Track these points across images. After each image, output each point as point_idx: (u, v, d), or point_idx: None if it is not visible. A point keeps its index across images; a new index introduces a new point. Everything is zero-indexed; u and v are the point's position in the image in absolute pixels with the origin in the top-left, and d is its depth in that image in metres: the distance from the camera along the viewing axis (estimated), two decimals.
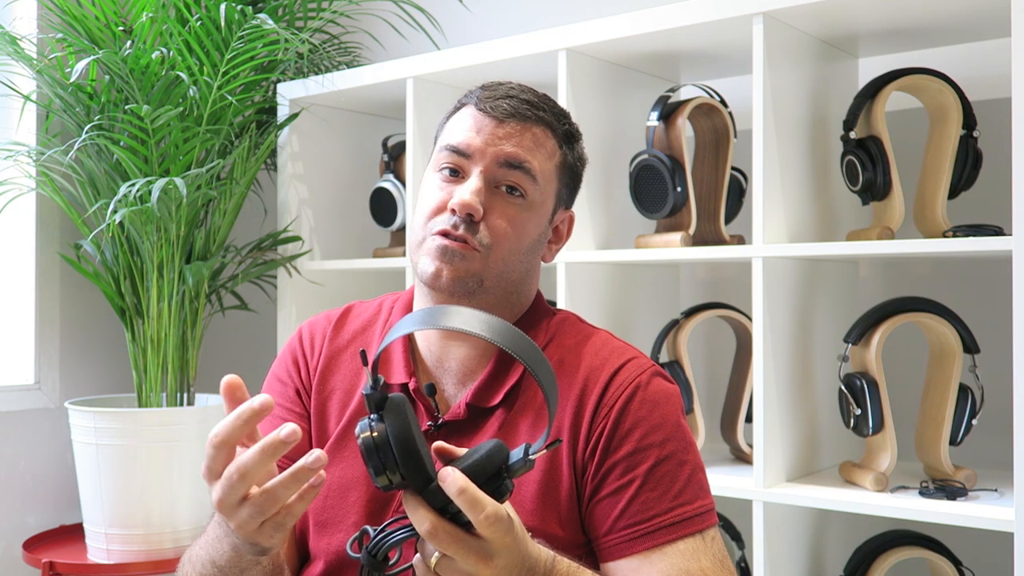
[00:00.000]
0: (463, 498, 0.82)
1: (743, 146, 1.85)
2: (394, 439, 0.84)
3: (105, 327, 2.69)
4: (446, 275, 1.09)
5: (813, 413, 1.82)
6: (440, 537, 0.83)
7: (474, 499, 0.82)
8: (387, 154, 2.41)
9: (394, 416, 0.85)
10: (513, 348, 0.84)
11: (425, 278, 1.11)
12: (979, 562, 1.75)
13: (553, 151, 1.15)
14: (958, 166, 1.65)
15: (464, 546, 0.84)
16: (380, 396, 0.86)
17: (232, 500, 0.87)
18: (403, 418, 0.84)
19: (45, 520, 2.56)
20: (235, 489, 0.86)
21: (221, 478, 0.87)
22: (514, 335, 0.86)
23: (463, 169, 1.12)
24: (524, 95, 1.14)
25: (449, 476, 0.82)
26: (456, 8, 2.51)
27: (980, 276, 1.89)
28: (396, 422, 0.84)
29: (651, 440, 1.07)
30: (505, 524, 0.84)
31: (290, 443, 0.84)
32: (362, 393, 0.87)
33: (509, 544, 0.86)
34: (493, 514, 0.83)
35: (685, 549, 1.04)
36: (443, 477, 0.82)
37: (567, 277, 1.91)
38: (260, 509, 0.86)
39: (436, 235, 1.10)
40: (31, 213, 2.56)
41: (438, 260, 1.10)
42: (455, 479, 0.82)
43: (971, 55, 1.88)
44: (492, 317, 0.86)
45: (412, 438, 0.84)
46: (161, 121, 2.15)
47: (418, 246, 1.13)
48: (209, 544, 1.01)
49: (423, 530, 0.83)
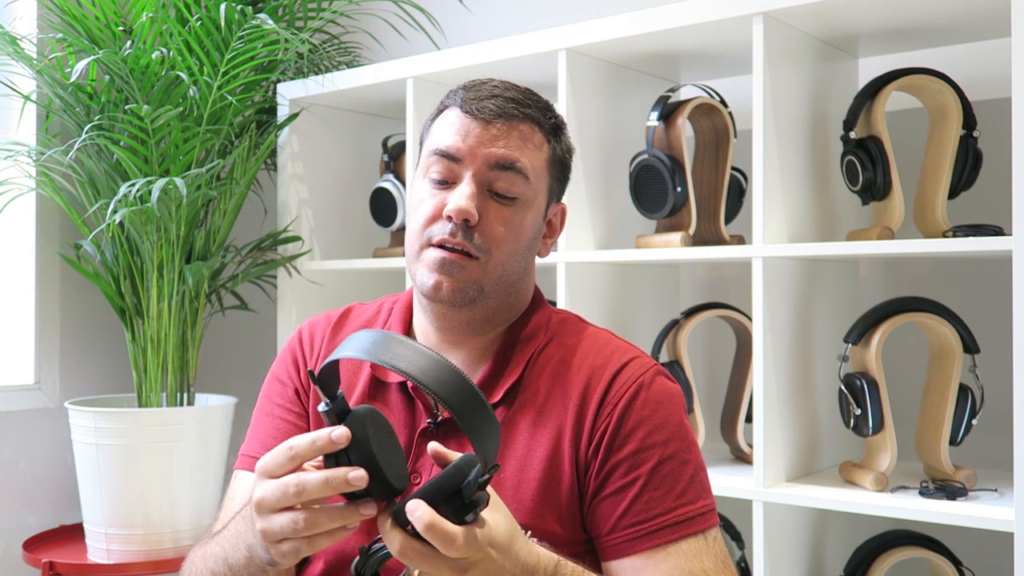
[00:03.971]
0: (432, 534, 0.82)
1: (743, 146, 1.85)
2: (354, 454, 0.85)
3: (105, 327, 2.69)
4: (446, 287, 1.09)
5: (813, 413, 1.82)
6: (411, 556, 0.84)
7: (443, 534, 0.82)
8: (387, 154, 2.41)
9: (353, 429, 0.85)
10: (440, 391, 0.83)
11: (425, 291, 1.11)
12: (979, 562, 1.75)
13: (541, 145, 1.14)
14: (958, 166, 1.65)
15: (436, 563, 0.84)
16: (339, 410, 0.86)
17: (278, 506, 0.87)
18: (362, 431, 0.85)
19: (45, 520, 2.56)
20: (288, 498, 0.86)
21: (278, 482, 0.87)
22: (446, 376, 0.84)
23: (454, 174, 1.11)
24: (508, 93, 1.13)
25: (416, 511, 0.82)
26: (456, 8, 2.51)
27: (980, 276, 1.89)
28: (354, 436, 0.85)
29: (654, 439, 1.07)
30: (477, 544, 0.84)
31: (355, 486, 0.84)
32: (319, 411, 0.87)
33: (486, 557, 0.86)
34: (463, 545, 0.83)
35: (688, 549, 1.04)
36: (411, 511, 0.82)
37: (567, 277, 1.91)
38: (298, 527, 0.86)
39: (434, 247, 1.10)
40: (31, 213, 2.56)
41: (437, 273, 1.09)
42: (422, 515, 0.82)
43: (971, 55, 1.88)
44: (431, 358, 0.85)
45: (370, 451, 0.84)
46: (161, 121, 2.15)
47: (415, 257, 1.13)
48: (227, 542, 1.01)
49: (393, 550, 0.84)
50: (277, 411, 1.19)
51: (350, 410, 0.87)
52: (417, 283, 1.12)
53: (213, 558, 1.03)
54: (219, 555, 1.02)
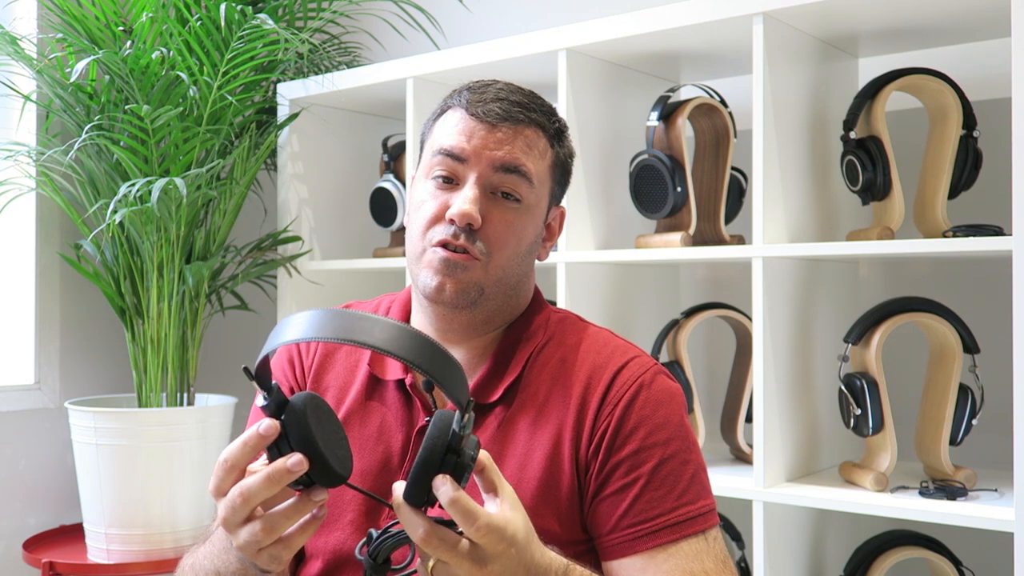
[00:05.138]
0: (455, 508, 0.82)
1: (743, 146, 1.85)
2: (294, 442, 0.84)
3: (105, 327, 2.69)
4: (449, 288, 1.09)
5: (813, 413, 1.82)
6: (433, 544, 0.83)
7: (467, 510, 0.82)
8: (387, 154, 2.41)
9: (292, 421, 0.85)
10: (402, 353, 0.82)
11: (428, 292, 1.11)
12: (979, 562, 1.75)
13: (545, 151, 1.14)
14: (958, 166, 1.65)
15: (457, 553, 0.84)
16: (277, 402, 0.86)
17: (235, 520, 0.87)
18: (300, 418, 0.85)
19: (45, 520, 2.56)
20: (238, 511, 0.86)
21: (225, 498, 0.87)
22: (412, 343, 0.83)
23: (457, 175, 1.11)
24: (514, 96, 1.13)
25: (442, 486, 0.82)
26: (456, 8, 2.51)
27: (980, 276, 1.89)
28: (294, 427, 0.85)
29: (655, 439, 1.07)
30: (499, 534, 0.84)
31: (296, 472, 0.83)
32: (258, 406, 0.87)
33: (505, 552, 0.86)
34: (485, 525, 0.83)
35: (688, 549, 1.04)
36: (437, 486, 0.83)
37: (567, 277, 1.91)
38: (258, 537, 0.86)
39: (436, 247, 1.10)
40: (31, 213, 2.56)
41: (440, 274, 1.09)
42: (446, 490, 0.82)
43: (971, 55, 1.88)
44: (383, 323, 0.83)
45: (309, 437, 0.84)
46: (161, 121, 2.15)
47: (417, 259, 1.12)
48: (215, 555, 1.01)
49: (417, 537, 0.84)
50: None
51: (287, 400, 0.87)
52: (419, 284, 1.12)
53: (204, 571, 1.03)
54: (209, 568, 1.02)
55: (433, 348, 0.83)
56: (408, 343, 0.83)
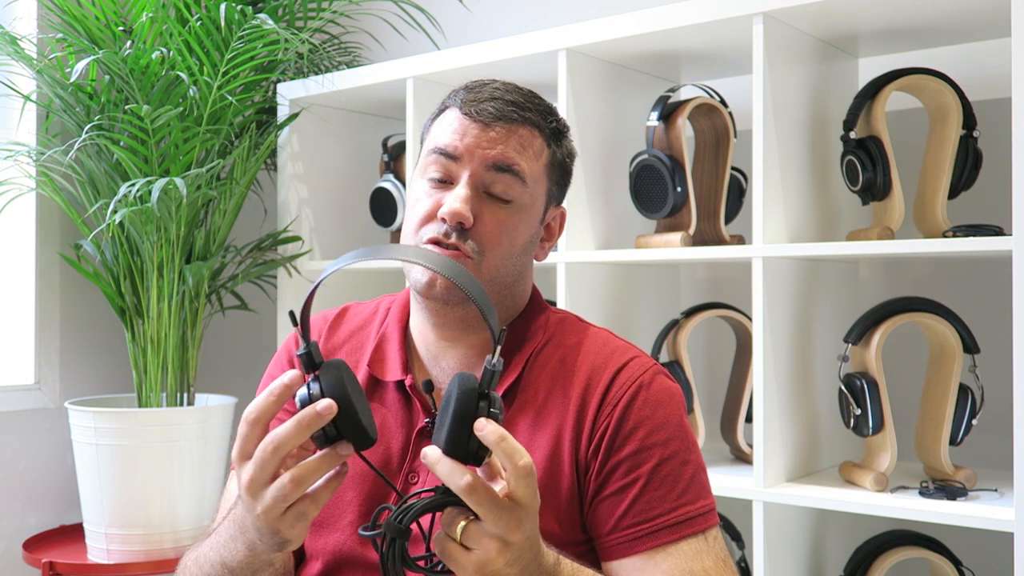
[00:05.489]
0: (504, 445, 0.83)
1: (743, 146, 1.85)
2: (327, 392, 0.86)
3: (105, 327, 2.69)
4: (440, 284, 1.09)
5: (813, 413, 1.82)
6: (480, 492, 0.83)
7: (514, 447, 0.84)
8: (387, 154, 2.41)
9: (328, 373, 0.87)
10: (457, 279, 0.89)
11: (419, 288, 1.11)
12: (979, 562, 1.75)
13: (541, 150, 1.14)
14: (958, 166, 1.65)
15: (499, 505, 0.84)
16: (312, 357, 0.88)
17: (263, 478, 0.87)
18: (337, 375, 0.86)
19: (45, 520, 2.56)
20: (267, 466, 0.86)
21: (254, 456, 0.87)
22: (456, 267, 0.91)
23: (451, 174, 1.11)
24: (509, 95, 1.13)
25: (487, 426, 0.84)
26: (456, 8, 2.51)
27: (980, 276, 1.89)
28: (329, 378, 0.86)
29: (654, 439, 1.07)
30: (534, 480, 0.86)
31: (326, 416, 0.85)
32: (296, 355, 0.88)
33: (536, 512, 0.87)
34: (528, 464, 0.85)
35: (688, 549, 1.04)
36: (480, 427, 0.84)
37: (567, 277, 1.91)
38: (286, 493, 0.86)
39: (427, 244, 1.10)
40: (31, 213, 2.56)
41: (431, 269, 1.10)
42: (494, 428, 0.84)
43: (971, 55, 1.88)
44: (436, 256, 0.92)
45: (346, 392, 0.86)
46: (161, 121, 2.15)
47: None
48: (221, 545, 1.01)
49: (462, 484, 0.83)
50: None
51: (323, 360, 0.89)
52: (411, 280, 1.12)
53: (209, 563, 1.02)
54: (215, 559, 1.01)
55: (472, 279, 0.90)
56: (452, 269, 0.90)
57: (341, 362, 0.88)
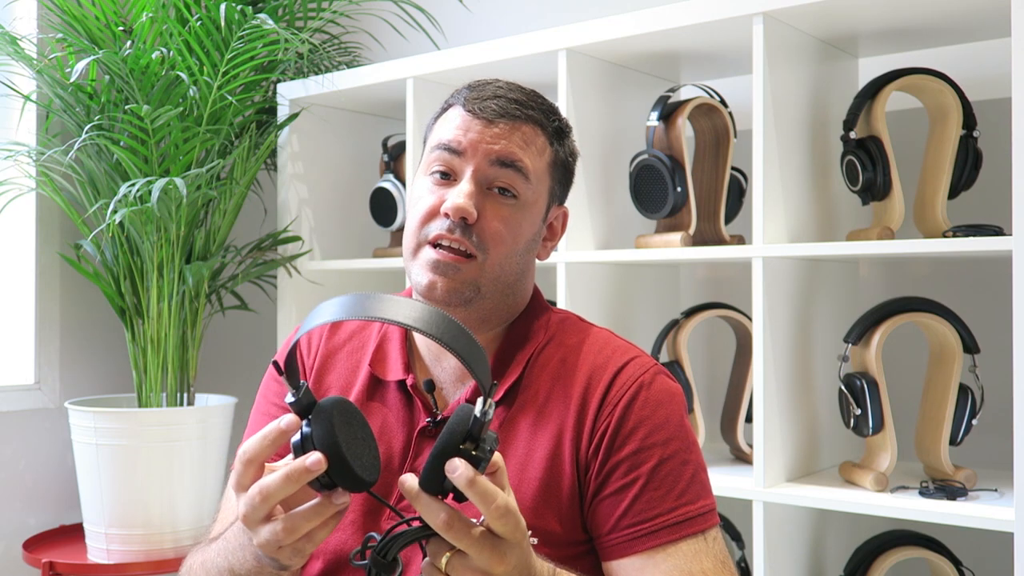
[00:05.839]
0: (474, 489, 0.81)
1: (743, 146, 1.85)
2: (317, 443, 0.84)
3: (105, 327, 2.69)
4: (440, 287, 1.09)
5: (813, 413, 1.82)
6: (457, 528, 0.82)
7: (486, 490, 0.82)
8: (387, 154, 2.41)
9: (318, 421, 0.84)
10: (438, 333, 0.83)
11: (420, 290, 1.11)
12: (979, 562, 1.75)
13: (543, 148, 1.14)
14: (958, 166, 1.65)
15: (479, 541, 0.83)
16: (305, 403, 0.86)
17: (255, 518, 0.87)
18: (328, 422, 0.84)
19: (45, 520, 2.56)
20: (257, 509, 0.86)
21: (244, 496, 0.87)
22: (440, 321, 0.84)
23: (454, 170, 1.11)
24: (512, 94, 1.13)
25: (456, 469, 0.81)
26: (456, 8, 2.51)
27: (980, 276, 1.89)
28: (319, 427, 0.84)
29: (655, 439, 1.07)
30: (516, 518, 0.84)
31: (314, 472, 0.83)
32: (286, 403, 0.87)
33: (520, 543, 0.86)
34: (504, 505, 0.83)
35: (688, 549, 1.04)
36: (451, 470, 0.82)
37: (567, 277, 1.91)
38: (279, 538, 0.86)
39: (430, 246, 1.10)
40: (31, 213, 2.56)
41: (432, 273, 1.09)
42: (464, 472, 0.81)
43: (971, 55, 1.88)
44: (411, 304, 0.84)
45: (334, 441, 0.83)
46: (161, 121, 2.15)
47: (412, 255, 1.13)
48: (230, 552, 1.00)
49: (439, 521, 0.82)
50: (273, 411, 1.19)
51: (315, 401, 0.86)
52: (413, 281, 1.12)
53: (217, 568, 1.02)
54: (223, 566, 1.01)
55: (459, 329, 0.84)
56: (437, 322, 0.83)
57: (334, 403, 0.86)
